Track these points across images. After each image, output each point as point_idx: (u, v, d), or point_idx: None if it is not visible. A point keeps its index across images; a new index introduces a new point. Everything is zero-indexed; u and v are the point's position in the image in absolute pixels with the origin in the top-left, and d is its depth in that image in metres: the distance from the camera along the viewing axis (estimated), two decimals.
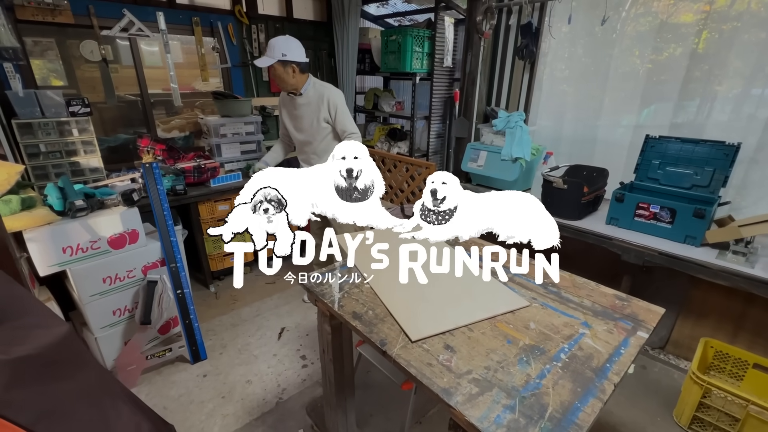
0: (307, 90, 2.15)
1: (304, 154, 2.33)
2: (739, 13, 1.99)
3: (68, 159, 2.36)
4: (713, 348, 1.94)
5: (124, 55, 2.89)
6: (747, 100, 2.07)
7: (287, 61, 2.01)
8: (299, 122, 2.22)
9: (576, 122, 2.74)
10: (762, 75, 1.98)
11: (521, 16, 2.66)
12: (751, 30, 1.97)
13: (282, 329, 2.52)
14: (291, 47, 2.03)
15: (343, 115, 2.19)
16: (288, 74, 2.05)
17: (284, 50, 2.00)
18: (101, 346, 2.06)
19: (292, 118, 2.25)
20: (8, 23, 2.21)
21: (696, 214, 1.85)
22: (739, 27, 1.99)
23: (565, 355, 1.11)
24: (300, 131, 2.24)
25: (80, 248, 1.89)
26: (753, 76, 2.01)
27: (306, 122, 2.20)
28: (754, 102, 2.05)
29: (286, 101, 2.26)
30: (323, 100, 2.15)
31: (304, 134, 2.24)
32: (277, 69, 2.02)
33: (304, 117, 2.20)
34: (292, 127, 2.28)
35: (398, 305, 1.34)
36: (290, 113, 2.25)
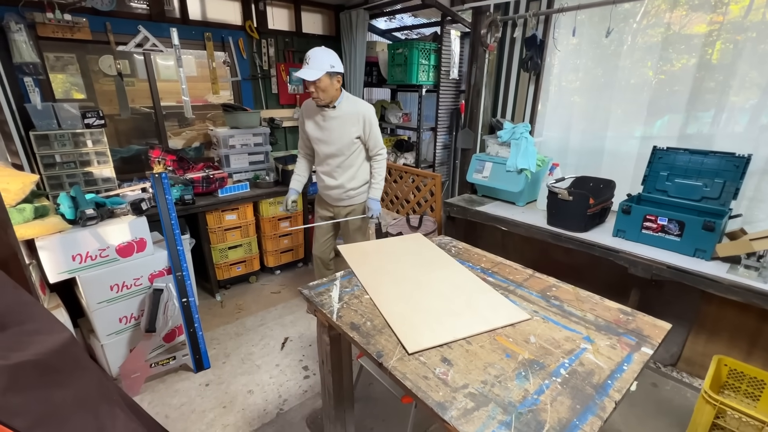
0: (341, 103, 2.11)
1: (327, 166, 2.25)
2: (753, 23, 1.96)
3: (82, 169, 2.44)
4: (727, 366, 1.87)
5: (140, 69, 2.99)
6: (760, 111, 2.03)
7: (334, 72, 2.00)
8: (328, 134, 2.16)
9: (583, 133, 2.72)
10: None
11: (526, 29, 2.68)
12: (767, 40, 1.94)
13: (285, 339, 2.52)
14: (337, 59, 2.02)
15: (376, 133, 2.20)
16: (333, 86, 2.03)
17: (332, 62, 1.98)
18: (107, 352, 2.09)
19: (320, 129, 2.18)
20: (30, 40, 2.32)
21: (705, 227, 1.81)
22: (755, 37, 1.97)
23: (565, 371, 1.09)
24: (328, 144, 2.18)
25: (89, 256, 1.94)
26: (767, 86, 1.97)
27: (336, 135, 2.15)
28: (766, 112, 2.01)
29: (312, 112, 2.18)
30: (359, 117, 2.12)
31: (332, 147, 2.18)
32: (323, 81, 1.98)
33: (334, 130, 2.14)
34: (319, 138, 2.20)
35: (397, 316, 1.34)
36: (318, 124, 2.17)
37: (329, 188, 2.30)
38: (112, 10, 2.58)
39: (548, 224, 2.29)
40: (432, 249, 1.87)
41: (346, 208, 2.36)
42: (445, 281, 1.56)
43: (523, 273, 1.69)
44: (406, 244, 1.94)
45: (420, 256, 1.80)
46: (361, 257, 1.79)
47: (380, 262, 1.75)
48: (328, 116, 2.13)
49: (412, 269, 1.66)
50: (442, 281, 1.56)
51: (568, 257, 2.58)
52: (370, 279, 1.59)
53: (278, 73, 3.55)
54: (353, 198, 2.32)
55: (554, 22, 2.60)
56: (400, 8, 3.58)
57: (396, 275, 1.62)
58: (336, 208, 2.37)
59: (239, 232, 3.03)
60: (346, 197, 2.31)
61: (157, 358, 2.14)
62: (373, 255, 1.82)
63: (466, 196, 2.93)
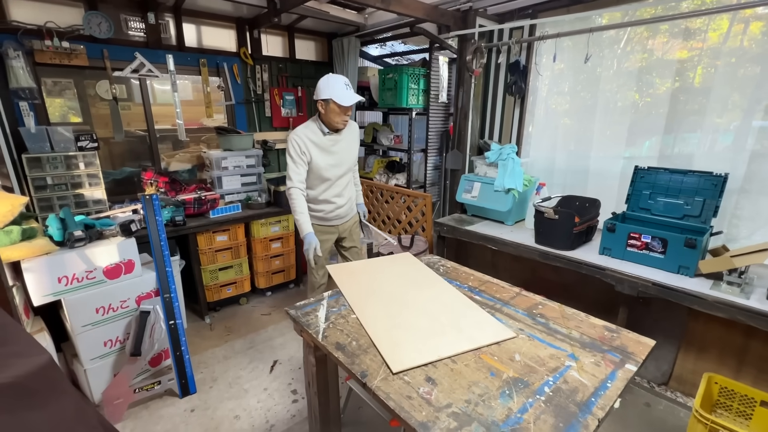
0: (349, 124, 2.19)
1: (337, 188, 2.21)
2: (732, 49, 2.07)
3: (73, 191, 2.45)
4: (717, 384, 1.86)
5: (136, 93, 3.05)
6: (741, 132, 2.10)
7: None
8: (339, 157, 2.16)
9: (569, 154, 2.79)
10: (755, 108, 2.02)
11: (509, 55, 2.79)
12: (745, 65, 2.04)
13: (274, 362, 2.48)
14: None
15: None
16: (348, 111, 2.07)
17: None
18: (90, 378, 2.04)
19: (331, 155, 2.14)
20: (27, 66, 2.38)
21: (687, 244, 1.85)
22: (734, 62, 2.07)
23: (549, 389, 1.09)
24: (340, 166, 2.18)
25: (75, 278, 1.92)
26: (747, 109, 2.06)
27: (345, 155, 2.19)
28: (744, 134, 2.08)
29: (317, 143, 2.09)
30: (356, 131, 2.26)
31: (343, 168, 2.20)
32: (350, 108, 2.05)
33: (344, 150, 2.18)
34: (331, 164, 2.15)
35: (383, 335, 1.34)
36: (328, 151, 2.12)
37: (339, 207, 2.27)
38: (109, 37, 2.66)
39: (536, 243, 2.32)
40: (420, 268, 1.88)
41: (351, 219, 2.40)
42: (432, 300, 1.56)
43: (510, 291, 1.70)
44: (395, 263, 1.95)
45: (408, 275, 1.81)
46: (348, 277, 1.80)
47: (368, 281, 1.76)
48: (337, 139, 2.13)
49: (399, 288, 1.67)
50: (429, 300, 1.56)
51: (557, 275, 2.59)
52: (356, 298, 1.59)
53: (272, 97, 3.64)
54: (353, 208, 2.40)
55: (536, 49, 2.72)
56: (391, 36, 3.72)
57: (383, 294, 1.62)
58: (339, 227, 2.33)
59: (230, 253, 3.02)
60: (350, 209, 2.36)
61: (141, 383, 2.09)
62: (361, 274, 1.83)
63: (456, 216, 2.97)
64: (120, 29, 2.79)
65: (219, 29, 3.30)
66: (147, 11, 2.82)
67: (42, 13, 2.47)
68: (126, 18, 2.81)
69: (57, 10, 2.54)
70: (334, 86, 1.98)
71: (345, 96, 1.97)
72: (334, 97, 1.97)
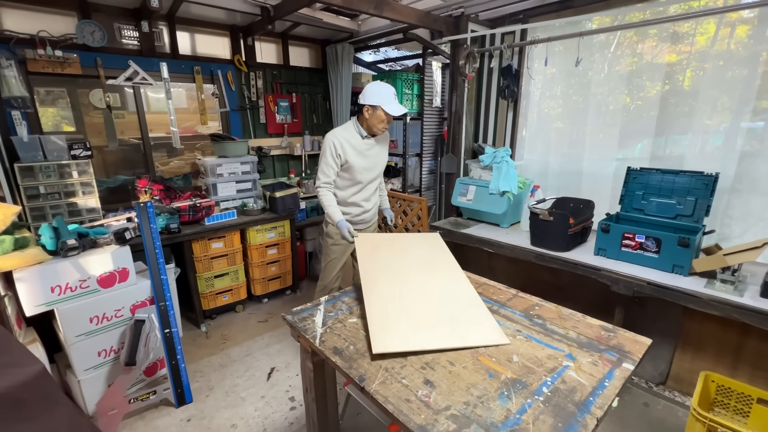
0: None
1: (366, 191, 2.27)
2: (719, 52, 2.11)
3: (66, 200, 2.43)
4: (714, 382, 1.87)
5: (130, 102, 3.05)
6: (731, 133, 2.13)
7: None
8: (373, 161, 2.23)
9: (562, 156, 2.82)
10: (743, 109, 2.06)
11: (502, 60, 2.83)
12: (733, 68, 2.08)
13: (272, 369, 2.46)
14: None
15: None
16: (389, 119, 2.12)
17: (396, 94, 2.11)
18: (84, 389, 2.01)
19: (366, 159, 2.19)
20: (19, 75, 2.37)
21: (681, 243, 1.86)
22: (722, 65, 2.11)
23: (547, 389, 1.09)
24: (372, 170, 2.25)
25: (69, 287, 1.90)
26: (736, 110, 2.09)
27: (378, 159, 2.26)
28: (734, 134, 2.12)
29: (354, 145, 2.14)
30: (387, 141, 2.31)
31: (375, 172, 2.27)
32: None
33: (377, 155, 2.25)
34: (365, 167, 2.20)
35: (377, 315, 1.37)
36: (363, 155, 2.18)
37: (366, 211, 2.31)
38: (103, 46, 2.66)
39: (532, 244, 2.33)
40: (443, 252, 1.88)
41: (372, 226, 2.43)
42: (440, 287, 1.58)
43: (507, 293, 1.70)
44: (420, 242, 1.96)
45: (427, 257, 1.82)
46: (371, 249, 1.82)
47: (387, 256, 1.78)
48: (371, 144, 2.21)
49: (413, 268, 1.69)
50: (438, 287, 1.58)
51: (553, 277, 2.60)
52: (369, 273, 1.62)
53: (266, 104, 3.65)
54: (375, 216, 2.43)
55: (528, 54, 2.75)
56: (384, 42, 3.75)
57: (395, 273, 1.65)
58: (363, 231, 2.31)
59: (226, 260, 3.00)
60: (375, 215, 2.41)
61: (136, 394, 2.06)
62: (384, 248, 1.85)
63: (452, 219, 2.97)
64: (113, 37, 2.79)
65: (213, 37, 3.31)
66: (141, 19, 2.83)
67: (35, 23, 2.47)
68: (120, 26, 2.82)
69: (50, 19, 2.54)
70: (385, 95, 2.05)
71: (395, 107, 2.05)
72: (383, 105, 2.03)
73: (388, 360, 1.21)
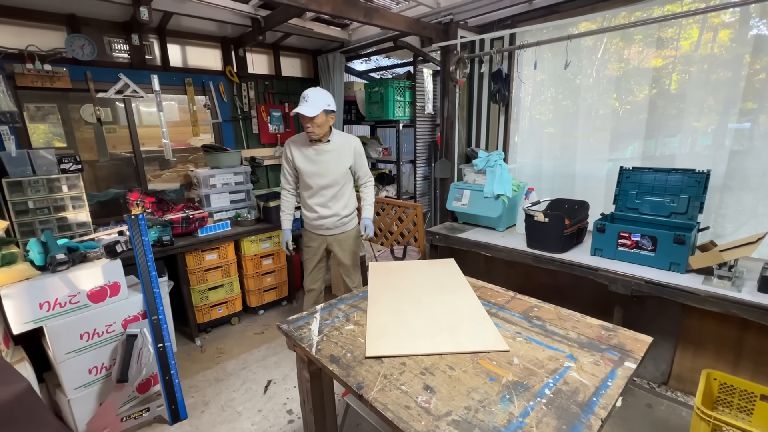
0: (333, 137, 2.26)
1: (321, 197, 2.32)
2: (703, 56, 2.15)
3: (56, 215, 2.39)
4: (716, 380, 1.85)
5: (121, 116, 3.03)
6: (719, 133, 2.15)
7: (330, 110, 2.16)
8: (324, 167, 2.26)
9: (555, 159, 2.84)
10: (730, 110, 2.09)
11: (492, 64, 2.85)
12: (717, 70, 2.11)
13: (269, 382, 2.40)
14: (332, 99, 2.20)
15: (364, 162, 2.39)
16: (328, 122, 2.18)
17: (329, 101, 2.16)
18: (74, 408, 1.94)
19: (314, 164, 2.26)
20: (8, 90, 2.35)
21: (676, 241, 1.86)
22: (707, 68, 2.15)
23: (549, 391, 1.07)
24: (323, 176, 2.27)
25: (58, 303, 1.85)
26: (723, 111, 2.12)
27: (331, 167, 2.26)
28: (722, 134, 2.14)
29: (302, 148, 2.26)
30: (351, 148, 2.30)
31: (327, 179, 2.28)
32: (320, 117, 2.12)
33: (330, 162, 2.26)
34: (314, 172, 2.27)
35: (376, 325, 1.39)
36: (310, 159, 2.26)
37: (323, 218, 2.35)
38: (93, 59, 2.65)
39: (528, 247, 2.32)
40: (455, 275, 1.88)
41: (339, 235, 2.42)
42: (445, 304, 1.56)
43: (505, 295, 1.68)
44: (433, 267, 1.99)
45: (438, 280, 1.83)
46: (383, 274, 1.89)
47: (396, 280, 1.82)
48: (322, 150, 2.25)
49: (421, 290, 1.70)
50: (443, 304, 1.57)
51: (551, 279, 2.59)
52: (377, 291, 1.67)
53: (259, 114, 3.65)
54: (346, 224, 2.41)
55: (517, 58, 2.78)
56: (375, 50, 3.78)
57: (402, 291, 1.68)
58: (327, 237, 2.41)
59: (220, 272, 2.96)
60: (339, 224, 2.39)
61: (129, 411, 2.00)
62: (396, 274, 1.89)
63: (447, 224, 2.96)
64: (103, 51, 2.79)
65: (204, 49, 3.32)
66: (131, 33, 2.83)
67: (23, 37, 2.46)
68: (110, 40, 2.81)
69: (39, 33, 2.53)
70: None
71: (297, 108, 2.11)
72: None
73: (386, 367, 1.18)
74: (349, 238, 2.44)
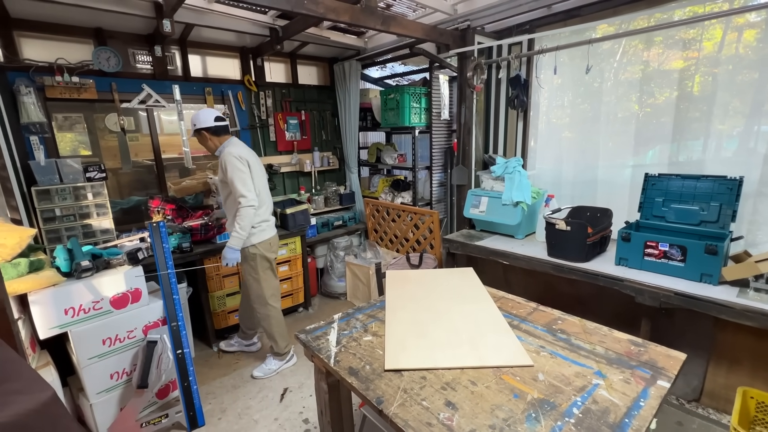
0: (220, 152, 2.33)
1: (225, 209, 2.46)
2: (728, 57, 2.07)
3: (81, 222, 2.46)
4: (754, 399, 1.75)
5: (143, 125, 3.11)
6: (747, 137, 2.07)
7: (199, 129, 2.29)
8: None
9: (576, 165, 2.77)
10: (759, 112, 2.00)
11: (510, 70, 2.82)
12: (743, 71, 2.03)
13: (285, 390, 2.40)
14: (199, 117, 2.29)
15: (231, 177, 2.20)
16: (205, 139, 2.31)
17: (194, 121, 2.29)
18: (96, 413, 1.97)
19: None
20: (38, 101, 2.44)
21: (708, 251, 1.78)
22: (731, 69, 2.07)
23: (578, 410, 1.02)
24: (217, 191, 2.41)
25: (82, 309, 1.89)
26: (750, 113, 2.04)
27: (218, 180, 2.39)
28: (753, 137, 2.05)
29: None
30: (221, 161, 2.27)
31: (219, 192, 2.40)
32: (197, 137, 2.32)
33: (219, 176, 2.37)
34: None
35: (396, 337, 1.37)
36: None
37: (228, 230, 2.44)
38: (118, 71, 2.73)
39: (549, 255, 2.26)
40: (474, 284, 1.85)
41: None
42: (466, 316, 1.53)
43: (527, 306, 1.64)
44: (451, 276, 1.96)
45: (457, 289, 1.80)
46: (400, 283, 1.87)
47: (414, 289, 1.79)
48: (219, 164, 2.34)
49: (440, 300, 1.67)
50: (463, 315, 1.53)
51: (572, 289, 2.52)
52: (395, 301, 1.65)
53: (276, 122, 3.69)
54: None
55: (536, 63, 2.74)
56: (391, 57, 3.79)
57: (420, 303, 1.64)
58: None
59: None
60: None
61: (148, 417, 2.02)
62: (413, 283, 1.87)
63: (464, 232, 2.92)
64: (128, 62, 2.87)
65: (223, 59, 3.39)
66: (154, 44, 2.91)
67: (53, 51, 2.56)
68: (134, 52, 2.90)
69: (67, 47, 2.63)
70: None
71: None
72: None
73: (406, 380, 1.16)
74: (243, 256, 2.38)
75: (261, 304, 2.46)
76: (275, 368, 2.57)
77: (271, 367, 2.56)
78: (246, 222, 2.23)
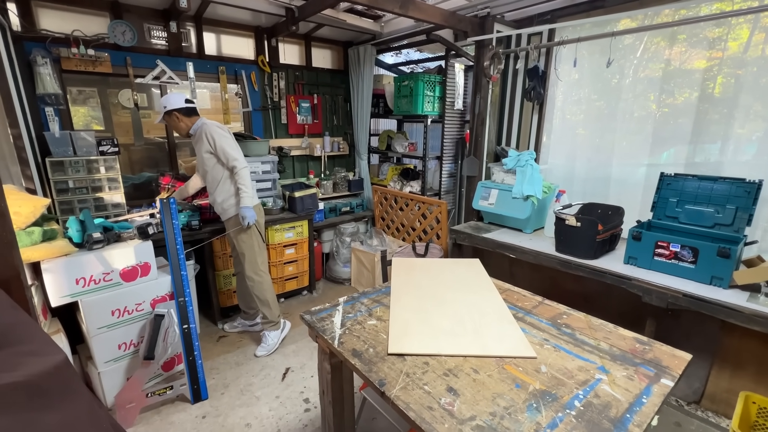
0: (195, 130, 2.42)
1: (207, 183, 2.54)
2: (753, 58, 2.00)
3: (93, 194, 2.49)
4: (756, 404, 1.74)
5: (156, 102, 3.11)
6: (766, 141, 2.01)
7: (169, 110, 2.35)
8: (198, 157, 2.48)
9: (589, 161, 2.72)
10: None
11: (528, 61, 2.76)
12: None
13: (287, 369, 2.44)
14: (170, 100, 2.36)
15: (222, 145, 2.36)
16: (174, 121, 2.38)
17: (164, 104, 2.35)
18: (104, 381, 2.03)
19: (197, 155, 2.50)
20: (54, 72, 2.45)
21: (720, 254, 1.75)
22: (756, 72, 2.00)
23: (579, 403, 1.02)
24: (199, 165, 2.52)
25: (93, 279, 1.93)
26: None
27: (198, 156, 2.47)
28: None
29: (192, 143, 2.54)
30: (203, 134, 2.38)
31: (199, 167, 2.52)
32: (166, 120, 2.38)
33: (197, 152, 2.47)
34: (198, 163, 2.53)
35: (399, 322, 1.38)
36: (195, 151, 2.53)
37: (212, 205, 2.57)
38: (132, 45, 2.73)
39: (557, 251, 2.25)
40: (480, 276, 1.85)
41: (227, 222, 2.53)
42: (470, 305, 1.53)
43: (532, 300, 1.63)
44: (457, 266, 1.95)
45: (462, 279, 1.80)
46: (406, 270, 1.87)
47: (420, 277, 1.80)
48: (193, 143, 2.49)
49: (445, 289, 1.67)
50: (468, 305, 1.54)
51: (578, 285, 2.50)
52: (400, 288, 1.65)
53: (288, 104, 3.67)
54: (226, 212, 2.50)
55: (555, 54, 2.68)
56: (406, 44, 3.73)
57: (425, 291, 1.65)
58: (224, 223, 2.57)
59: None
60: (222, 212, 2.52)
61: (154, 388, 2.07)
62: (418, 271, 1.87)
63: (472, 223, 2.91)
64: (143, 37, 2.86)
65: (238, 38, 3.36)
66: (169, 20, 2.89)
67: (69, 22, 2.55)
68: (149, 27, 2.89)
69: (84, 19, 2.62)
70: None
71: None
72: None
73: (409, 365, 1.17)
74: (229, 225, 2.52)
75: (254, 271, 2.55)
76: (276, 341, 2.65)
77: (272, 341, 2.62)
78: (247, 181, 2.39)
